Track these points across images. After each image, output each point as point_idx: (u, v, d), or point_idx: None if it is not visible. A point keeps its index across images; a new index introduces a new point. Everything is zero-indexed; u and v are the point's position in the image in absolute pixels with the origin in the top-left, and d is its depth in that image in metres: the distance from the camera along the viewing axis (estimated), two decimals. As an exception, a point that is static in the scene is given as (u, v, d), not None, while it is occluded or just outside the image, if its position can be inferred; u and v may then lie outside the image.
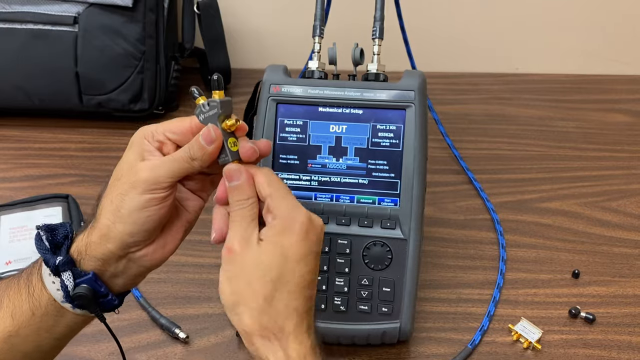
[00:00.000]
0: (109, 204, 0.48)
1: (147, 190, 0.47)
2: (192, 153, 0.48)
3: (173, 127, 0.51)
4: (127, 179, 0.48)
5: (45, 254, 0.48)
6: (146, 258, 0.50)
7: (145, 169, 0.48)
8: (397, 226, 0.65)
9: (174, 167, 0.48)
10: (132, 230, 0.48)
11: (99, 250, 0.49)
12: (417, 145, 0.65)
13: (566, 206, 0.86)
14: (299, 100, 0.67)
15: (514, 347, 0.68)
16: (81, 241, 0.49)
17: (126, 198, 0.48)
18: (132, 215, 0.48)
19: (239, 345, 0.68)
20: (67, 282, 0.48)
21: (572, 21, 1.12)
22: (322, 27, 0.72)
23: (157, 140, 0.50)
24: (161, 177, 0.48)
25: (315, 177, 0.67)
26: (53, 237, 0.50)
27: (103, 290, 0.49)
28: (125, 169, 0.49)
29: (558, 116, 1.04)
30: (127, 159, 0.50)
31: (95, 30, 0.95)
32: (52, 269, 0.48)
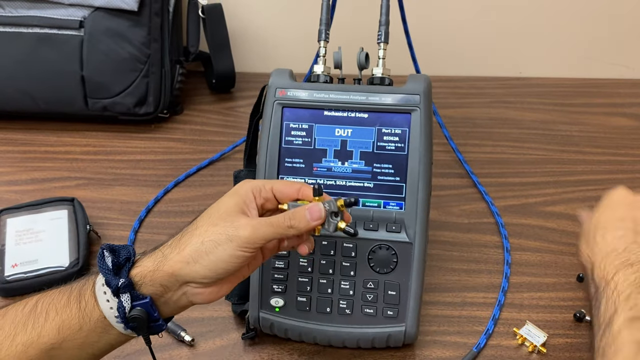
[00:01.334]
0: (199, 244, 0.50)
1: (241, 247, 0.50)
2: (294, 223, 0.52)
3: (283, 188, 0.55)
4: (225, 230, 0.50)
5: (108, 274, 0.50)
6: (200, 296, 0.52)
7: (248, 227, 0.50)
8: (402, 230, 0.65)
9: (271, 231, 0.51)
10: (207, 275, 0.51)
11: (166, 278, 0.51)
12: (422, 149, 0.65)
13: (570, 210, 0.86)
14: (305, 104, 0.67)
15: (519, 350, 0.68)
16: (147, 267, 0.51)
17: (219, 248, 0.50)
18: (218, 263, 0.50)
19: (244, 348, 0.68)
20: (125, 303, 0.50)
21: (575, 25, 1.12)
22: (327, 31, 0.72)
23: (264, 197, 0.54)
24: (259, 239, 0.51)
25: (320, 180, 0.67)
26: (116, 258, 0.52)
27: (156, 315, 0.51)
28: (224, 218, 0.51)
29: (562, 120, 1.04)
30: (227, 206, 0.52)
31: (101, 34, 0.95)
32: (114, 290, 0.50)
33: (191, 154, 0.97)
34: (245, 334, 0.68)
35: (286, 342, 0.69)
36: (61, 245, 0.77)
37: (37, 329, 0.50)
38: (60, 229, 0.78)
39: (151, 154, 0.97)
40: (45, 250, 0.76)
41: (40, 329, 0.50)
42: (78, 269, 0.75)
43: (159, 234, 0.83)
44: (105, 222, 0.84)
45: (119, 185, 0.90)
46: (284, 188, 0.55)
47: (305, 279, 0.66)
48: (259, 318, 0.67)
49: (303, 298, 0.66)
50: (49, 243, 0.77)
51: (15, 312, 0.51)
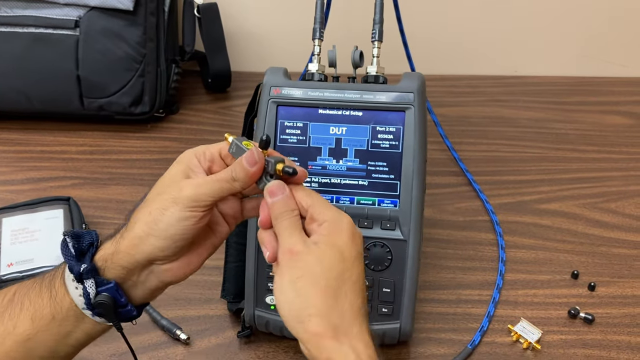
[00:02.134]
0: (147, 215, 0.49)
1: (188, 207, 0.48)
2: (235, 174, 0.49)
3: (222, 148, 0.52)
4: (169, 194, 0.49)
5: (70, 260, 0.49)
6: (168, 273, 0.51)
7: (190, 186, 0.49)
8: (396, 227, 0.65)
9: (216, 186, 0.49)
10: (164, 244, 0.49)
11: (126, 259, 0.49)
12: (416, 146, 0.65)
13: (565, 207, 0.87)
14: (299, 102, 0.67)
15: (514, 347, 0.69)
16: (108, 249, 0.50)
17: (166, 212, 0.48)
18: (169, 229, 0.48)
19: (240, 346, 0.69)
20: (90, 289, 0.48)
21: (570, 24, 1.13)
22: (322, 29, 0.72)
23: (209, 159, 0.52)
24: (203, 196, 0.49)
25: (315, 178, 0.67)
26: (79, 244, 0.50)
27: (123, 300, 0.50)
28: (168, 184, 0.50)
29: (556, 118, 1.04)
30: (171, 174, 0.51)
31: (97, 34, 0.95)
32: (76, 275, 0.48)
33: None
34: (241, 332, 0.69)
35: (282, 340, 0.69)
36: (57, 244, 0.76)
37: (13, 319, 0.49)
38: (56, 229, 0.78)
39: (147, 153, 0.97)
40: (40, 250, 0.76)
41: (16, 320, 0.49)
42: (74, 268, 0.75)
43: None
44: (101, 221, 0.84)
45: (114, 185, 0.91)
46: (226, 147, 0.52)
47: (300, 277, 0.66)
48: (254, 316, 0.67)
49: (298, 296, 0.66)
50: (44, 242, 0.77)
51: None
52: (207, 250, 0.53)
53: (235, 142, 0.51)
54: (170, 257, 0.50)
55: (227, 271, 0.71)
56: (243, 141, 0.51)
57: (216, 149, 0.52)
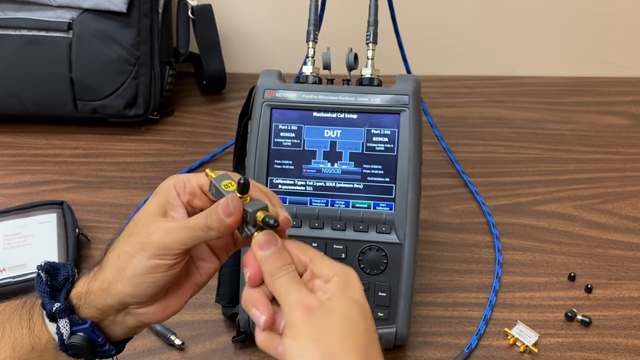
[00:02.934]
0: (116, 259, 0.45)
1: (156, 255, 0.44)
2: (209, 223, 0.44)
3: (204, 180, 0.47)
4: (139, 238, 0.45)
5: (44, 297, 0.46)
6: (145, 316, 0.47)
7: (159, 232, 0.44)
8: (392, 231, 0.65)
9: (188, 235, 0.44)
10: (134, 292, 0.45)
11: (98, 301, 0.46)
12: (411, 149, 0.65)
13: (561, 209, 0.86)
14: (294, 105, 0.67)
15: (511, 350, 0.68)
16: (81, 287, 0.47)
17: (133, 259, 0.44)
18: (136, 278, 0.44)
19: (235, 351, 0.68)
20: (63, 329, 0.45)
21: (566, 24, 1.13)
22: (316, 32, 0.72)
23: (189, 192, 0.47)
24: (173, 244, 0.44)
25: (310, 182, 0.67)
26: (53, 279, 0.47)
27: (100, 340, 0.47)
28: (142, 223, 0.45)
29: (553, 119, 1.04)
30: (147, 210, 0.46)
31: (90, 36, 0.95)
32: (49, 314, 0.46)
33: (182, 156, 0.96)
34: (236, 337, 0.68)
35: (277, 345, 0.68)
36: (50, 249, 0.76)
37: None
38: (49, 233, 0.78)
39: (141, 156, 0.96)
40: (33, 255, 0.75)
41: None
42: (67, 273, 0.74)
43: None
44: (95, 225, 0.84)
45: (108, 188, 0.90)
46: None
47: (295, 281, 0.65)
48: (249, 321, 0.66)
49: (293, 300, 0.65)
50: (37, 247, 0.76)
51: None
52: (189, 291, 0.49)
53: (214, 183, 0.45)
54: (143, 303, 0.46)
55: (221, 276, 0.71)
56: (223, 181, 0.45)
57: (197, 182, 0.47)
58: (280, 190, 0.67)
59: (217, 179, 0.46)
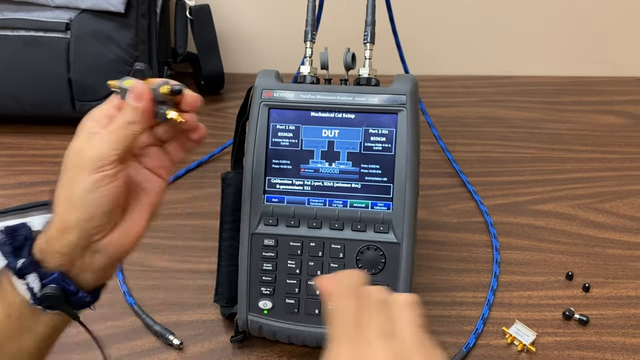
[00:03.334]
0: (61, 192, 0.47)
1: (95, 169, 0.46)
2: (126, 117, 0.47)
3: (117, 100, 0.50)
4: (74, 162, 0.47)
5: (8, 256, 0.47)
6: (111, 246, 0.48)
7: (88, 148, 0.47)
8: (390, 230, 0.65)
9: (114, 137, 0.47)
10: (89, 215, 0.46)
11: (60, 243, 0.46)
12: (409, 149, 0.65)
13: (559, 208, 0.87)
14: (291, 105, 0.67)
15: (509, 349, 0.68)
16: (41, 239, 0.47)
17: (75, 184, 0.46)
18: (85, 198, 0.46)
19: (233, 351, 0.68)
20: (33, 284, 0.46)
21: (563, 24, 1.13)
22: (313, 32, 0.72)
23: (106, 116, 0.49)
24: (105, 152, 0.46)
25: (308, 181, 0.67)
26: (13, 239, 0.47)
27: (72, 288, 0.47)
28: (71, 154, 0.48)
29: (550, 118, 1.04)
30: (74, 145, 0.48)
31: (88, 37, 0.95)
32: (16, 272, 0.46)
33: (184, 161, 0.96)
34: (234, 336, 0.68)
35: (275, 345, 0.68)
36: (48, 249, 0.76)
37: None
38: (47, 233, 0.78)
39: (139, 156, 0.96)
40: (32, 255, 0.75)
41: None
42: (65, 273, 0.74)
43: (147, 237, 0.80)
44: (93, 225, 0.84)
45: (107, 188, 0.90)
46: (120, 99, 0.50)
47: (293, 281, 0.66)
48: (247, 321, 0.66)
49: (291, 300, 0.66)
50: (36, 247, 0.76)
51: None
52: (144, 211, 0.50)
53: (118, 85, 0.49)
54: (102, 226, 0.47)
55: (220, 275, 0.71)
56: (125, 81, 0.48)
57: (110, 104, 0.50)
58: (278, 190, 0.67)
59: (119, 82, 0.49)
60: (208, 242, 0.79)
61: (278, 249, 0.66)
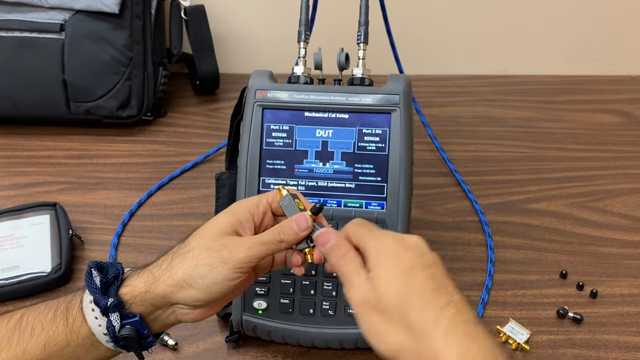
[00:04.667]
0: (192, 268, 0.50)
1: (236, 268, 0.50)
2: (283, 236, 0.51)
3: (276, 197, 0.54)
4: (219, 252, 0.50)
5: (96, 294, 0.50)
6: (189, 316, 0.52)
7: (242, 249, 0.50)
8: (384, 230, 0.65)
9: (264, 249, 0.51)
10: (201, 298, 0.51)
11: (157, 299, 0.51)
12: (402, 148, 0.65)
13: (553, 207, 0.87)
14: (285, 105, 0.67)
15: (503, 348, 0.69)
16: (138, 287, 0.51)
17: (214, 271, 0.50)
18: (212, 286, 0.50)
19: (228, 351, 0.68)
20: (115, 322, 0.50)
21: (558, 23, 1.13)
22: (307, 32, 0.72)
23: (262, 212, 0.54)
24: (252, 258, 0.51)
25: (302, 182, 0.67)
26: (104, 276, 0.51)
27: (146, 332, 0.51)
28: (216, 238, 0.51)
29: (545, 117, 1.05)
30: (219, 226, 0.52)
31: (82, 37, 0.95)
32: (102, 309, 0.50)
33: (175, 157, 0.96)
34: (229, 337, 0.68)
35: (270, 345, 0.69)
36: (43, 250, 0.76)
37: (22, 344, 0.50)
38: (42, 235, 0.78)
39: (135, 157, 0.96)
40: (27, 256, 0.75)
41: (26, 345, 0.50)
42: (60, 274, 0.74)
43: (143, 237, 0.83)
44: (88, 226, 0.84)
45: (102, 189, 0.90)
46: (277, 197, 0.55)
47: (288, 281, 0.66)
48: (242, 321, 0.66)
49: (286, 300, 0.66)
50: (30, 249, 0.76)
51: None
52: (229, 298, 0.55)
53: (289, 197, 0.53)
54: (198, 306, 0.52)
55: (215, 276, 0.71)
56: (295, 199, 0.53)
57: (267, 201, 0.54)
58: (272, 190, 0.67)
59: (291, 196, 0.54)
60: (203, 242, 0.79)
61: (272, 249, 0.66)
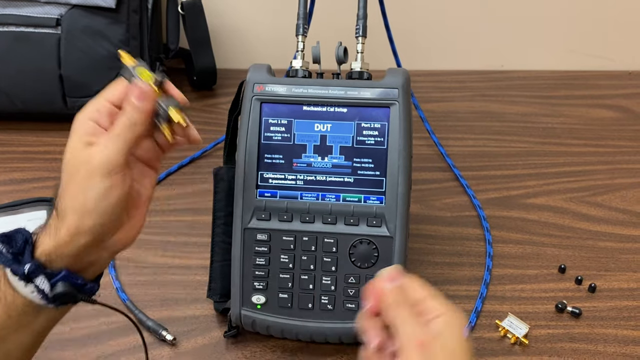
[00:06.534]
0: (72, 200, 0.47)
1: (105, 175, 0.46)
2: (129, 117, 0.47)
3: (115, 93, 0.50)
4: (81, 170, 0.47)
5: (10, 264, 0.47)
6: (117, 243, 0.50)
7: (96, 154, 0.47)
8: (383, 224, 0.65)
9: (120, 140, 0.47)
10: (102, 221, 0.47)
11: (70, 247, 0.47)
12: (401, 142, 0.65)
13: (552, 201, 0.87)
14: (283, 99, 0.67)
15: (502, 342, 0.69)
16: (47, 244, 0.48)
17: (88, 191, 0.46)
18: (99, 205, 0.47)
19: (227, 346, 0.68)
20: (43, 285, 0.47)
21: (556, 18, 1.13)
22: (305, 25, 0.72)
23: (106, 112, 0.49)
24: (113, 157, 0.47)
25: (300, 176, 0.67)
26: (12, 245, 0.48)
27: (80, 281, 0.49)
28: (75, 162, 0.48)
29: (543, 112, 1.04)
30: (73, 148, 0.48)
31: (79, 32, 0.94)
32: (23, 277, 0.47)
33: (172, 152, 0.95)
34: (228, 332, 0.68)
35: (268, 339, 0.68)
36: (40, 246, 0.76)
37: None
38: (39, 230, 0.77)
39: (132, 152, 0.96)
40: (23, 252, 0.75)
41: None
42: (57, 269, 0.74)
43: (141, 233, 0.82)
44: (85, 222, 0.83)
45: (99, 185, 0.89)
46: (116, 91, 0.50)
47: (287, 275, 0.66)
48: (240, 316, 0.66)
49: (284, 294, 0.66)
50: (27, 244, 0.76)
51: None
52: (144, 205, 0.52)
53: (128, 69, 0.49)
54: (114, 229, 0.49)
55: (213, 271, 0.71)
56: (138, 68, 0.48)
57: (106, 100, 0.50)
58: (270, 184, 0.67)
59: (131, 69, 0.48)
60: (201, 237, 0.79)
61: (271, 243, 0.66)
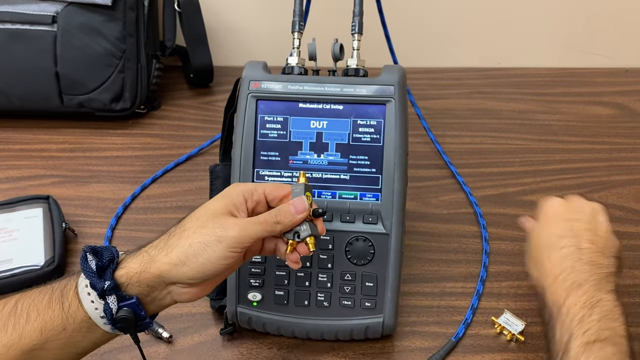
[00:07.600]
0: (187, 247, 0.51)
1: (231, 247, 0.51)
2: (279, 219, 0.53)
3: (274, 190, 0.55)
4: (213, 231, 0.51)
5: (92, 277, 0.50)
6: (184, 296, 0.53)
7: (236, 227, 0.51)
8: (378, 221, 0.65)
9: (259, 229, 0.52)
10: (195, 276, 0.51)
11: (152, 279, 0.51)
12: (397, 139, 0.65)
13: (548, 199, 0.87)
14: (279, 96, 0.67)
15: (498, 339, 0.69)
16: (133, 268, 0.51)
17: (208, 249, 0.50)
18: (206, 265, 0.51)
19: (223, 343, 0.68)
20: (112, 305, 0.50)
21: (553, 15, 1.13)
22: (301, 22, 0.72)
23: (256, 200, 0.55)
24: (247, 238, 0.51)
25: (296, 173, 0.67)
26: (99, 260, 0.51)
27: (143, 314, 0.52)
28: (211, 219, 0.52)
29: (540, 109, 1.04)
30: (214, 207, 0.53)
31: (75, 30, 0.94)
32: (99, 293, 0.50)
33: (169, 150, 0.96)
34: (224, 329, 0.68)
35: (265, 337, 0.68)
36: (36, 243, 0.76)
37: (18, 330, 0.50)
38: (35, 228, 0.77)
39: (128, 150, 0.96)
40: (20, 249, 0.75)
41: (22, 331, 0.50)
42: (54, 267, 0.74)
43: (137, 230, 0.82)
44: (82, 219, 0.83)
45: (95, 183, 0.89)
46: (275, 190, 0.55)
47: (283, 273, 0.66)
48: (236, 313, 0.66)
49: (281, 292, 0.66)
50: (23, 242, 0.76)
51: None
52: (222, 278, 0.56)
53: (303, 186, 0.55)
54: (193, 284, 0.52)
55: (209, 268, 0.71)
56: (307, 191, 0.55)
57: (263, 191, 0.55)
58: (266, 181, 0.67)
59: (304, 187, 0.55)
60: (197, 235, 0.79)
61: (267, 240, 0.66)
